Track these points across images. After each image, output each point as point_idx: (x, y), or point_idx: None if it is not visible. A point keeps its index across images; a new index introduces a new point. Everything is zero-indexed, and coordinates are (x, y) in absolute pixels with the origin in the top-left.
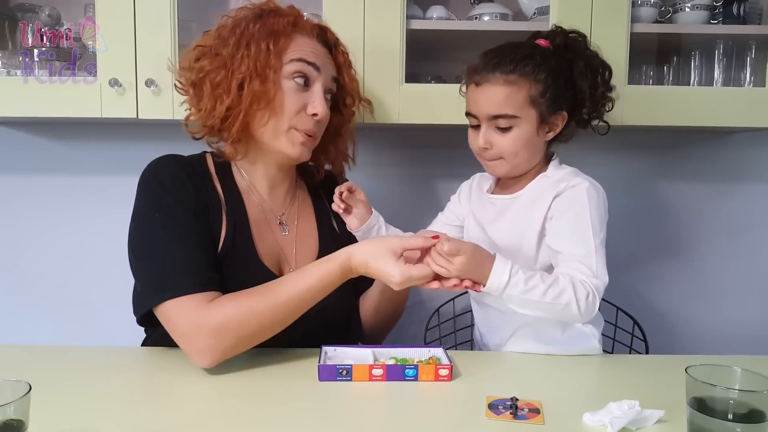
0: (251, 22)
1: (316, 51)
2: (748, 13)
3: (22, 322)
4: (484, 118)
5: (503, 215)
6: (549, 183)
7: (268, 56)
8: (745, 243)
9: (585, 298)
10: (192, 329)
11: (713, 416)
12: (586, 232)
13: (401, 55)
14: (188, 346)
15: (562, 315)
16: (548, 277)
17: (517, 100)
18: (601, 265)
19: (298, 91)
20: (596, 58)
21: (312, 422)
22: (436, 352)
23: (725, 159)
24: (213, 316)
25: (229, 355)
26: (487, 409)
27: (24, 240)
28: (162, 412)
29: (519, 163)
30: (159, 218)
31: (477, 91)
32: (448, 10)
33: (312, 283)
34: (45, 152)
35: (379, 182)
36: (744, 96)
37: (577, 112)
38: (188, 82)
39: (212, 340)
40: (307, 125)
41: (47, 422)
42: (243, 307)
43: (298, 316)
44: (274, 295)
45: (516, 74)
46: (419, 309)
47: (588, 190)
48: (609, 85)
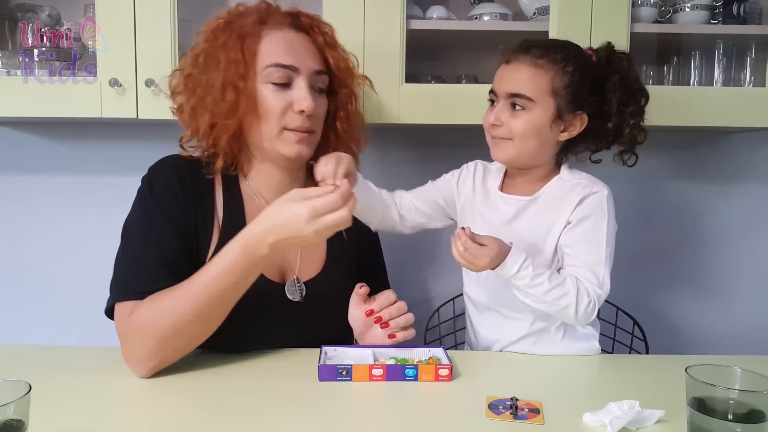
0: (220, 33)
1: (291, 45)
2: (748, 13)
3: (22, 322)
4: (503, 95)
5: (521, 216)
6: (569, 186)
7: (237, 65)
8: (745, 243)
9: (585, 306)
10: (121, 335)
11: (713, 416)
12: (600, 241)
13: (401, 55)
14: (123, 353)
15: (559, 315)
16: (556, 277)
17: (539, 85)
18: (607, 276)
19: (279, 91)
20: (636, 81)
21: (312, 422)
22: (436, 352)
23: (725, 159)
24: (132, 320)
25: (157, 361)
26: (487, 409)
27: (24, 240)
28: (162, 412)
29: (526, 150)
30: (136, 222)
31: (505, 69)
32: (448, 10)
33: (219, 270)
34: (45, 152)
35: (382, 181)
36: (744, 96)
37: (601, 123)
38: (176, 106)
39: (134, 346)
40: (297, 122)
41: (47, 422)
42: (154, 306)
43: (219, 310)
44: (183, 290)
45: (545, 59)
46: (419, 309)
47: (608, 198)
48: (641, 109)
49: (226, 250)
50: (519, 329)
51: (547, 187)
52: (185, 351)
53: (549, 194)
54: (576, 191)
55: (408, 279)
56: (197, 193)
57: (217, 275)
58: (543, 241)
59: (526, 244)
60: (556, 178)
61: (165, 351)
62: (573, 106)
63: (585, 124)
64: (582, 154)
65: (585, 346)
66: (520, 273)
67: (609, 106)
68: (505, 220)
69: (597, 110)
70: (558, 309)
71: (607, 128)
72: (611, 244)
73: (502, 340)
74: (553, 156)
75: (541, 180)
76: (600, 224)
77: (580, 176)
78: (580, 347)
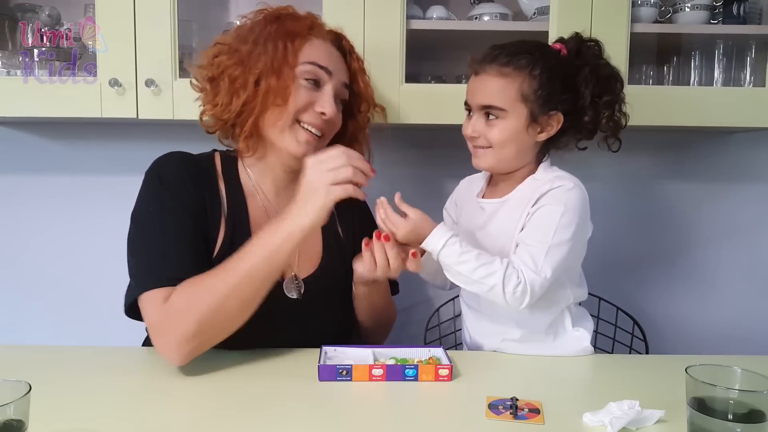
0: (270, 23)
1: (331, 55)
2: (748, 13)
3: (22, 322)
4: (475, 107)
5: (492, 220)
6: (537, 185)
7: (285, 54)
8: (745, 243)
9: (514, 286)
10: (155, 323)
11: (713, 416)
12: (548, 227)
13: (401, 55)
14: (156, 341)
15: (489, 296)
16: (485, 256)
17: (508, 94)
18: (548, 264)
19: (308, 89)
20: (607, 67)
21: (312, 422)
22: (436, 352)
23: (725, 159)
24: (171, 302)
25: (196, 344)
26: (487, 409)
27: (24, 240)
28: (162, 412)
29: (506, 156)
30: (152, 213)
31: (474, 81)
32: (448, 10)
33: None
34: (45, 152)
35: (382, 181)
36: (744, 96)
37: (577, 118)
38: (205, 78)
39: (174, 328)
40: (313, 119)
41: (47, 422)
42: (196, 288)
43: (262, 288)
44: (226, 271)
45: (510, 67)
46: (419, 309)
47: (569, 191)
48: (616, 96)
49: (269, 231)
50: (504, 332)
51: (519, 188)
52: (222, 335)
53: (520, 195)
54: (540, 188)
55: (408, 279)
56: (204, 185)
57: (263, 258)
58: (509, 241)
59: (498, 246)
60: (530, 178)
61: (205, 333)
62: (546, 108)
63: (561, 122)
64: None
65: (577, 348)
66: (445, 249)
67: (582, 101)
68: (480, 224)
69: (571, 106)
70: (485, 289)
71: (584, 122)
72: (562, 234)
73: (489, 341)
74: (534, 156)
75: (519, 181)
76: (552, 213)
77: (554, 174)
78: (571, 348)
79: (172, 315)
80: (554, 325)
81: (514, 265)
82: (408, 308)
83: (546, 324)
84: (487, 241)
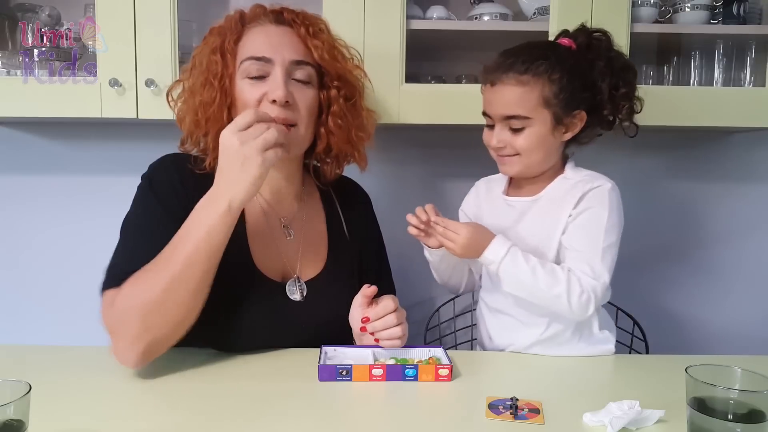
0: (209, 38)
1: (268, 37)
2: (748, 13)
3: (22, 321)
4: (498, 119)
5: (524, 218)
6: (571, 184)
7: (216, 65)
8: (745, 243)
9: (578, 296)
10: (106, 326)
11: (713, 416)
12: (597, 231)
13: (401, 55)
14: (113, 346)
15: (552, 306)
16: (548, 264)
17: (529, 101)
18: (604, 268)
19: (255, 84)
20: (620, 58)
21: (312, 422)
22: (436, 352)
23: (725, 159)
24: (115, 303)
25: (147, 341)
26: (487, 409)
27: (24, 240)
28: (162, 413)
29: (534, 162)
30: (134, 215)
31: (491, 92)
32: (448, 10)
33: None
34: (45, 152)
35: (382, 181)
36: (744, 96)
37: (598, 113)
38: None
39: (120, 331)
40: (273, 113)
41: (47, 422)
42: (135, 280)
43: (207, 271)
44: (165, 257)
45: (529, 74)
46: (419, 309)
47: (610, 191)
48: (632, 86)
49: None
50: (534, 333)
51: (549, 187)
52: (178, 329)
53: (552, 194)
54: (578, 188)
55: (408, 279)
56: (197, 189)
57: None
58: (546, 241)
59: (530, 246)
60: (559, 178)
61: (153, 329)
62: (569, 109)
63: (585, 119)
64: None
65: (601, 349)
66: (507, 257)
67: (601, 95)
68: (509, 223)
69: (592, 102)
70: (550, 298)
71: (604, 115)
72: (611, 236)
73: (517, 344)
74: (560, 156)
75: (547, 180)
76: (599, 216)
77: (584, 173)
78: (596, 350)
79: (117, 316)
80: (581, 327)
81: (575, 274)
82: (408, 308)
83: (574, 326)
84: (518, 240)
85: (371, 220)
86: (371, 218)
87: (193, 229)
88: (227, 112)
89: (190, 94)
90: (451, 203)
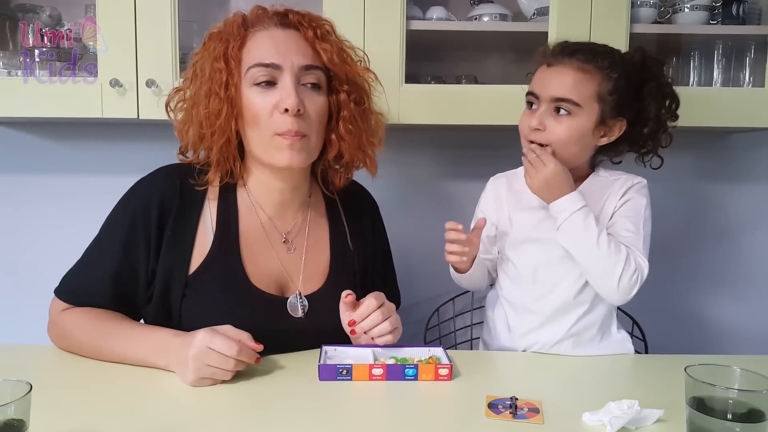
0: (209, 43)
1: (275, 41)
2: (747, 14)
3: (23, 322)
4: (546, 99)
5: None
6: (609, 181)
7: (220, 73)
8: (745, 243)
9: (631, 273)
10: (48, 321)
11: (712, 416)
12: (637, 218)
13: (401, 56)
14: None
15: (602, 276)
16: (613, 237)
17: (585, 90)
18: (646, 252)
19: (264, 92)
20: (670, 86)
21: (312, 422)
22: (436, 351)
23: (725, 159)
24: (59, 320)
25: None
26: (487, 409)
27: (24, 240)
28: (162, 412)
29: (567, 156)
30: (104, 229)
31: (547, 72)
32: (448, 10)
33: (131, 356)
34: (45, 152)
35: (378, 182)
36: (743, 96)
37: (638, 128)
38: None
39: (52, 334)
40: (286, 125)
41: (48, 422)
42: (78, 326)
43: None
44: (110, 333)
45: (592, 64)
46: (419, 309)
47: (645, 188)
48: (674, 115)
49: (155, 342)
50: (558, 332)
51: (585, 183)
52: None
53: (588, 189)
54: (619, 184)
55: (408, 278)
56: (190, 207)
57: (135, 357)
58: None
59: None
60: (593, 175)
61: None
62: (615, 112)
63: (624, 129)
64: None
65: (622, 349)
66: (580, 212)
67: (647, 113)
68: (541, 217)
69: (635, 116)
70: (604, 267)
71: (643, 133)
72: (648, 227)
73: (541, 342)
74: (587, 160)
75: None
76: (639, 205)
77: (619, 172)
78: (616, 350)
79: (57, 328)
80: (602, 327)
81: (633, 252)
82: (408, 308)
83: (597, 325)
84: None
85: (378, 229)
86: (378, 227)
87: (138, 346)
88: (234, 123)
89: (193, 105)
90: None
